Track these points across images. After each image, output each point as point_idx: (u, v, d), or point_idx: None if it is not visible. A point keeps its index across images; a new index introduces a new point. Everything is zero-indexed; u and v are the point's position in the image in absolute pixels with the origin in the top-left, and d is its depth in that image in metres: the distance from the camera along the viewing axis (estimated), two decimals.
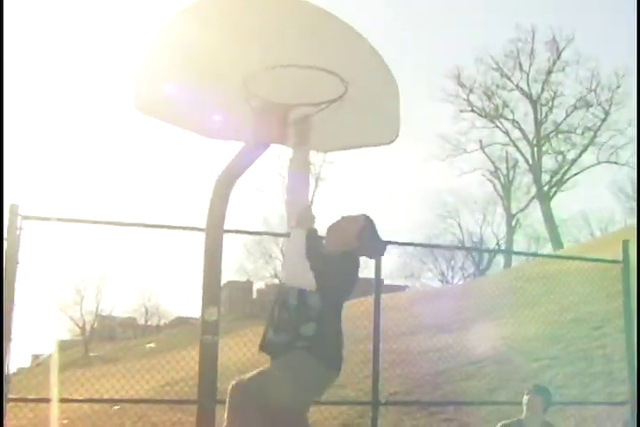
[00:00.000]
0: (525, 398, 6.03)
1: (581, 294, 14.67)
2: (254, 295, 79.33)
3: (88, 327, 60.90)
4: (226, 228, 5.02)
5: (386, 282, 64.54)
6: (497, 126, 52.14)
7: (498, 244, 59.53)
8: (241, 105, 4.48)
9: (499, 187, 54.46)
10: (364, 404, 8.77)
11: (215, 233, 4.93)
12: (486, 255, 54.81)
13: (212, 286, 5.01)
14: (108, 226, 7.31)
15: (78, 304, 60.76)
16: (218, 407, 4.85)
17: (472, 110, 52.16)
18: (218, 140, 4.87)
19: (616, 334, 13.49)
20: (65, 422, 13.20)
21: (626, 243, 9.27)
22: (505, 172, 53.95)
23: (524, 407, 6.00)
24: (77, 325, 61.24)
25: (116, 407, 13.68)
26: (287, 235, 4.65)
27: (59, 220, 6.80)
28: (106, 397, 12.22)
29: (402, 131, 4.87)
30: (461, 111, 52.22)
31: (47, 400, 10.27)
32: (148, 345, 33.83)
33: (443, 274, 58.61)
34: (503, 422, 6.14)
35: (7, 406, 9.08)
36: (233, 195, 4.88)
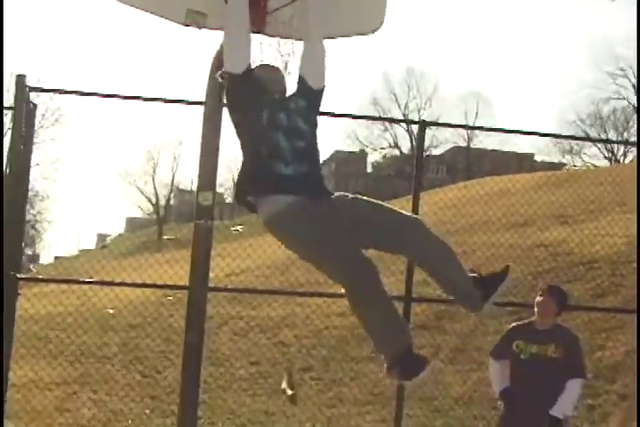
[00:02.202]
0: (538, 298, 6.72)
1: None
2: (368, 169, 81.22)
3: (162, 203, 63.72)
4: None
5: (538, 158, 65.01)
6: None
7: None
8: None
9: None
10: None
11: (212, 120, 5.70)
12: None
13: (207, 168, 5.82)
14: None
15: (150, 175, 63.26)
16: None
17: None
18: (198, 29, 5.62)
19: None
20: (111, 311, 14.64)
21: None
22: None
23: (536, 309, 6.69)
24: (149, 200, 63.64)
25: (169, 298, 14.92)
26: None
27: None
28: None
29: None
30: None
31: (96, 283, 11.67)
32: (233, 229, 35.05)
33: (612, 151, 58.11)
34: (514, 324, 6.88)
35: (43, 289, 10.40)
36: None
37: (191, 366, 6.12)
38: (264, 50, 5.49)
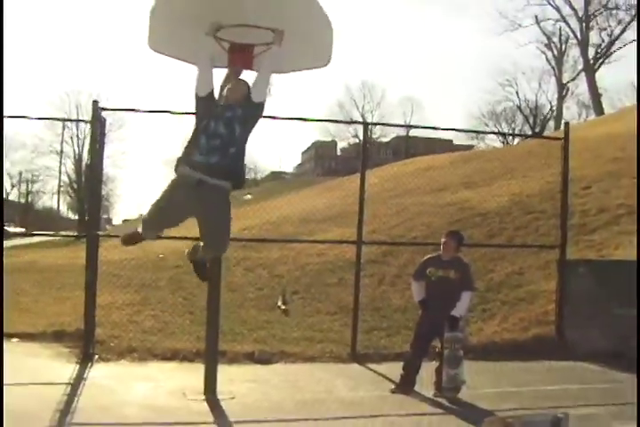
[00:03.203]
0: (442, 239, 7.01)
1: (582, 159, 15.31)
2: (338, 153, 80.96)
3: None
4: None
5: (455, 142, 65.27)
6: (549, 3, 50.32)
7: (551, 109, 59.21)
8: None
9: (551, 57, 53.32)
10: (350, 243, 9.79)
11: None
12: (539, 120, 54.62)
13: None
14: None
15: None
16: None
17: None
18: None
19: (600, 193, 14.35)
20: (161, 255, 14.83)
21: None
22: (558, 45, 52.64)
23: (442, 246, 7.02)
24: None
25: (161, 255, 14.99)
26: None
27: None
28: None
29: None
30: None
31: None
32: (244, 196, 34.92)
33: (504, 137, 58.78)
34: (427, 256, 7.11)
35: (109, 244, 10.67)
36: None
37: (214, 292, 6.50)
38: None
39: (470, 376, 6.90)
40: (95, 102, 7.81)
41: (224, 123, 5.34)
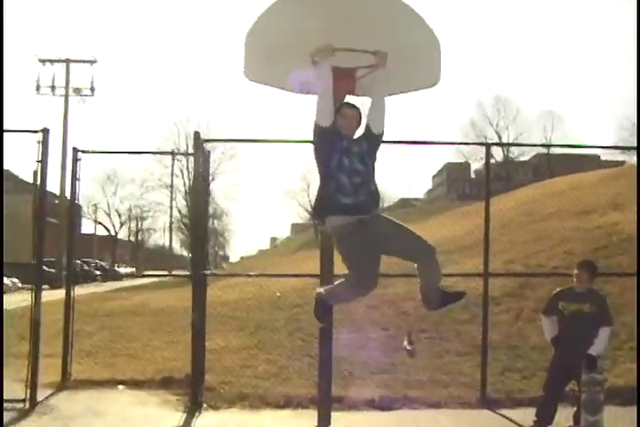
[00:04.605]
0: (575, 271, 6.96)
1: None
2: (472, 175, 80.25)
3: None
4: None
5: (603, 157, 63.34)
6: None
7: None
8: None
9: None
10: (476, 275, 9.75)
11: None
12: None
13: None
14: None
15: (305, 191, 64.17)
16: None
17: None
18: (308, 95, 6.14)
19: None
20: (279, 294, 15.16)
21: None
22: None
23: (574, 279, 6.93)
24: (306, 210, 64.49)
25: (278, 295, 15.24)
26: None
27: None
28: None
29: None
30: None
31: (263, 275, 12.08)
32: None
33: None
34: (558, 289, 7.10)
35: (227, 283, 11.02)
36: None
37: (326, 333, 6.67)
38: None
39: (614, 424, 6.72)
40: (197, 133, 8.20)
41: (358, 159, 5.33)
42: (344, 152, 5.32)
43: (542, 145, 39.80)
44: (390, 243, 5.28)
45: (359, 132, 5.54)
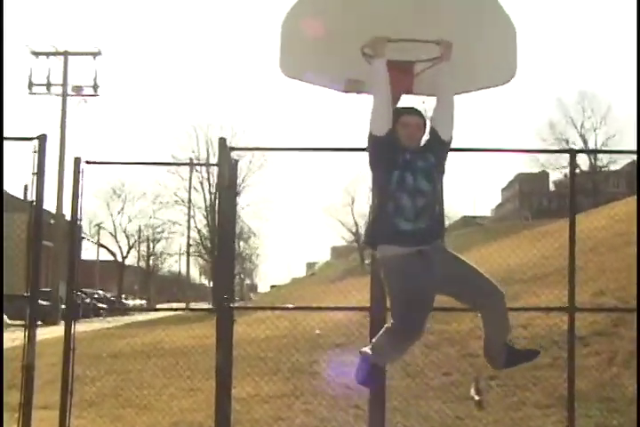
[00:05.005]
0: None
1: None
2: (551, 187, 79.74)
3: (362, 231, 63.34)
4: None
5: None
6: None
7: None
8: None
9: None
10: (559, 310, 9.66)
11: None
12: None
13: None
14: None
15: (348, 206, 63.57)
16: None
17: None
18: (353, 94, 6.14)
19: None
20: (318, 332, 15.12)
21: None
22: None
23: None
24: (349, 230, 63.94)
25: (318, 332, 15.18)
26: None
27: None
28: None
29: None
30: None
31: (299, 308, 12.01)
32: None
33: None
34: None
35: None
36: None
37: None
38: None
39: None
40: (222, 140, 8.16)
41: (423, 175, 5.24)
42: (406, 167, 5.24)
43: (638, 151, 39.00)
44: (450, 284, 5.26)
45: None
